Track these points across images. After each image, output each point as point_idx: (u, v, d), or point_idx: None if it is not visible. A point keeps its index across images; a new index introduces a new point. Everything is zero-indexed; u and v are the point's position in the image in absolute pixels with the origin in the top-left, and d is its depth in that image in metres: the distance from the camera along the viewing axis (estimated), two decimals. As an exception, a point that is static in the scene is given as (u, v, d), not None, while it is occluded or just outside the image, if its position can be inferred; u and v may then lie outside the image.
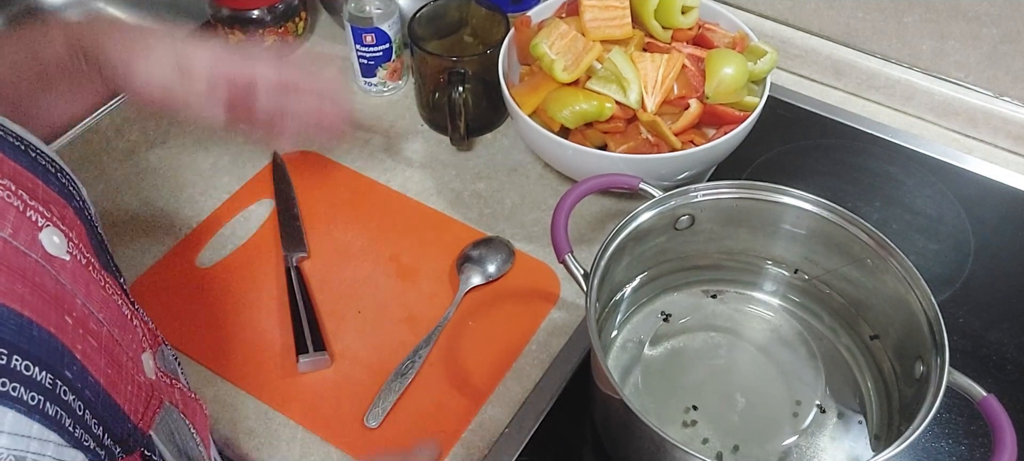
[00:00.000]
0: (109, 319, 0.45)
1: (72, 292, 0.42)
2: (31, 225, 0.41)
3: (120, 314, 0.47)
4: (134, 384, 0.45)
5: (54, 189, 0.47)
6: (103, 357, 0.42)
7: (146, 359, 0.48)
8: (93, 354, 0.41)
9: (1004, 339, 0.72)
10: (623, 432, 0.61)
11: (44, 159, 0.48)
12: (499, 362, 0.70)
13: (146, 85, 0.64)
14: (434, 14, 0.88)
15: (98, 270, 0.47)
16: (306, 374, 0.69)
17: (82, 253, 0.45)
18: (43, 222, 0.43)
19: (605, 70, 0.77)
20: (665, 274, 0.71)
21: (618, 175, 0.67)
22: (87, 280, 0.44)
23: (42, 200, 0.44)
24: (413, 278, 0.76)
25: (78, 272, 0.44)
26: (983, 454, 0.65)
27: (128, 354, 0.46)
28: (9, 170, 0.43)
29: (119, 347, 0.45)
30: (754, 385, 0.66)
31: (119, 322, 0.46)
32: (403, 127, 0.91)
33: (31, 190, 0.44)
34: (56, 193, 0.47)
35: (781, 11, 0.94)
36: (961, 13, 0.84)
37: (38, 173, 0.46)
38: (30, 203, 0.42)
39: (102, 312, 0.44)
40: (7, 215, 0.40)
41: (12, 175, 0.43)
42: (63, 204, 0.47)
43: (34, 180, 0.45)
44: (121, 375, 0.44)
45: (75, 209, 0.48)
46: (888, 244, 0.61)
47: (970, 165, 0.86)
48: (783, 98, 0.92)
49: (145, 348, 0.49)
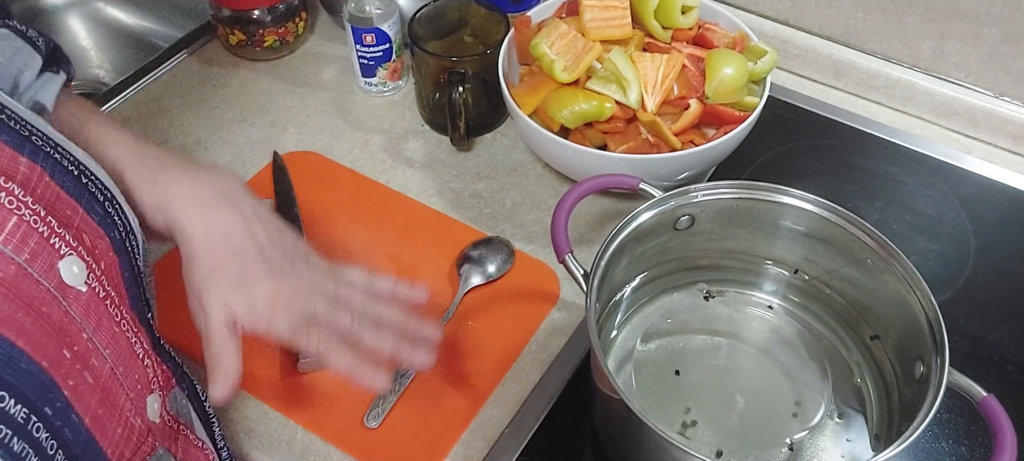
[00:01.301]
0: (115, 356, 0.44)
1: (80, 325, 0.42)
2: (52, 252, 0.41)
3: (130, 352, 0.46)
4: (126, 426, 0.44)
5: (95, 217, 0.46)
6: (96, 396, 0.42)
7: (151, 401, 0.47)
8: (85, 392, 0.41)
9: (1004, 339, 0.72)
10: (623, 432, 0.61)
11: (95, 185, 0.47)
12: (499, 362, 0.70)
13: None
14: (434, 14, 0.88)
15: (116, 305, 0.46)
16: (306, 374, 0.69)
17: (102, 286, 0.45)
18: (66, 251, 0.42)
19: (605, 70, 0.77)
20: (665, 274, 0.71)
21: (618, 175, 0.67)
22: (100, 314, 0.44)
23: (76, 228, 0.44)
24: (413, 278, 0.76)
25: (92, 305, 0.43)
26: (983, 454, 0.65)
27: (129, 395, 0.45)
28: (49, 195, 0.43)
29: (119, 386, 0.44)
30: (754, 386, 0.66)
31: (126, 360, 0.46)
32: (403, 127, 0.91)
33: (66, 217, 0.43)
34: (95, 221, 0.46)
35: (781, 11, 0.94)
36: (962, 13, 0.84)
37: (83, 199, 0.46)
38: (57, 230, 0.42)
39: (109, 348, 0.44)
40: (28, 241, 0.40)
41: (50, 200, 0.43)
42: (100, 234, 0.46)
43: (74, 206, 0.45)
44: (112, 416, 0.43)
45: (113, 240, 0.48)
46: (888, 244, 0.61)
47: (970, 165, 0.86)
48: (783, 98, 0.92)
49: (154, 390, 0.48)
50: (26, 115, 0.45)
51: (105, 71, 1.11)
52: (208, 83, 0.96)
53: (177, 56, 0.98)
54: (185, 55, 0.99)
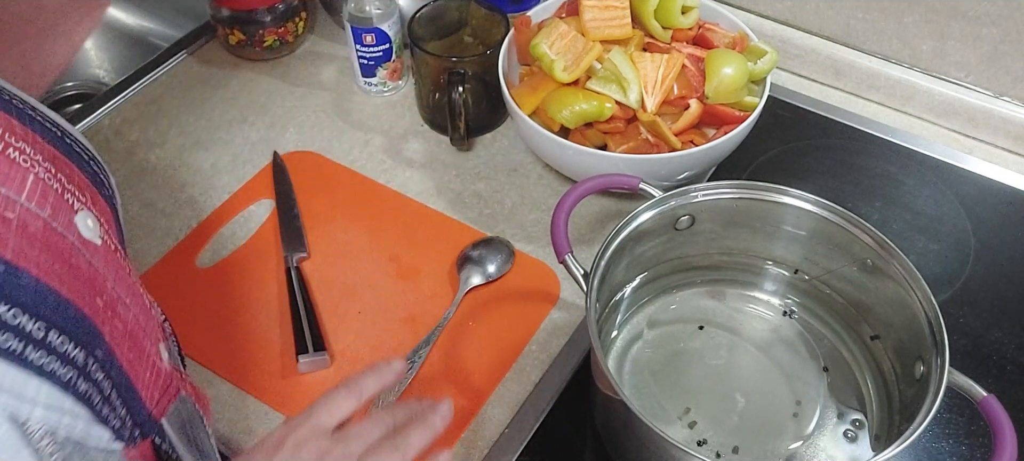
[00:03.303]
0: (134, 305, 0.46)
1: (103, 276, 0.43)
2: (68, 208, 0.42)
3: (143, 302, 0.48)
4: (154, 371, 0.45)
5: (87, 176, 0.47)
6: (127, 342, 0.43)
7: (163, 349, 0.49)
8: (119, 338, 0.42)
9: (1004, 339, 0.72)
10: (623, 432, 0.61)
11: (78, 146, 0.48)
12: (499, 362, 0.70)
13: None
14: (434, 14, 0.88)
15: (124, 258, 0.47)
16: (306, 374, 0.69)
17: (111, 239, 0.46)
18: (78, 206, 0.43)
19: (605, 70, 0.77)
20: (665, 274, 0.71)
21: (618, 175, 0.67)
22: (116, 266, 0.45)
23: (77, 185, 0.45)
24: (413, 278, 0.76)
25: (108, 257, 0.44)
26: (983, 454, 0.65)
27: (150, 341, 0.46)
28: (48, 154, 0.44)
29: (143, 333, 0.45)
30: (754, 385, 0.66)
31: (143, 309, 0.47)
32: (403, 127, 0.91)
33: (68, 175, 0.44)
34: (88, 180, 0.47)
35: (781, 11, 0.94)
36: (961, 13, 0.84)
37: (73, 159, 0.47)
38: (67, 186, 0.43)
39: (128, 297, 0.45)
40: (48, 196, 0.41)
41: (51, 158, 0.44)
42: (94, 190, 0.47)
43: (70, 165, 0.46)
44: (142, 361, 0.44)
45: (104, 197, 0.49)
46: (888, 244, 0.61)
47: (970, 165, 0.86)
48: (783, 98, 0.92)
49: (161, 338, 0.49)
50: (2, 82, 0.46)
51: (105, 71, 1.11)
52: (208, 83, 0.96)
53: (177, 56, 0.98)
54: (185, 55, 0.99)
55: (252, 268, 0.77)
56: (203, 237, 0.79)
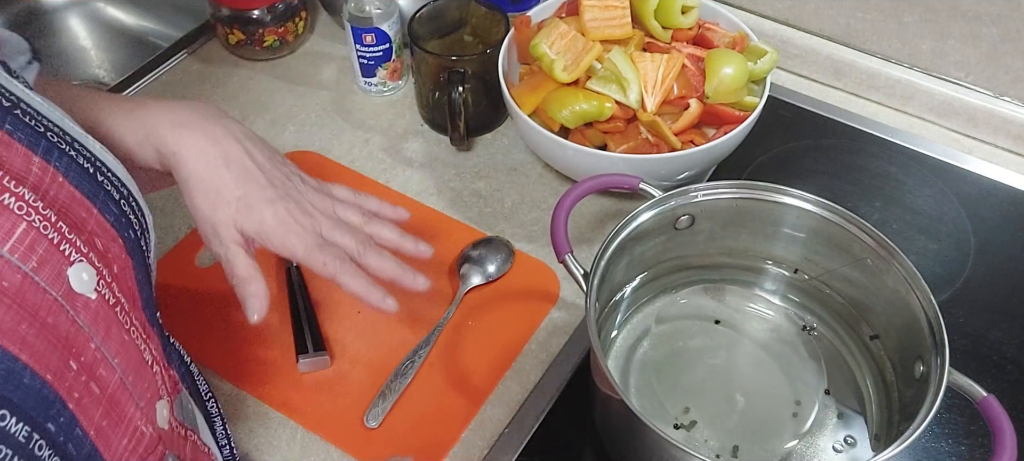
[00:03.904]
0: (124, 365, 0.43)
1: (88, 334, 0.40)
2: (61, 258, 0.40)
3: (140, 359, 0.45)
4: (133, 436, 0.43)
5: (109, 218, 0.45)
6: (102, 407, 0.41)
7: (161, 407, 0.46)
8: (90, 404, 0.40)
9: (1004, 339, 0.72)
10: (623, 432, 0.61)
11: (111, 182, 0.46)
12: (499, 362, 0.70)
13: None
14: (434, 14, 0.88)
15: (126, 312, 0.45)
16: (306, 374, 0.69)
17: (112, 293, 0.43)
18: (76, 257, 0.41)
19: (605, 70, 0.77)
20: (665, 274, 0.71)
21: (618, 175, 0.67)
22: (109, 321, 0.42)
23: (89, 231, 0.43)
24: (413, 278, 0.76)
25: (102, 312, 0.42)
26: (983, 454, 0.65)
27: (138, 403, 0.44)
28: (63, 196, 0.42)
29: (128, 395, 0.43)
30: (754, 385, 0.66)
31: (136, 368, 0.44)
32: (403, 127, 0.91)
33: (79, 220, 0.42)
34: (110, 223, 0.45)
35: (781, 11, 0.94)
36: (961, 13, 0.84)
37: (98, 200, 0.44)
38: (68, 235, 0.41)
39: (118, 357, 0.43)
40: (36, 248, 0.39)
41: (63, 202, 0.42)
42: (113, 236, 0.45)
43: (89, 207, 0.43)
44: (118, 427, 0.42)
45: (127, 241, 0.46)
46: (888, 244, 0.61)
47: (970, 165, 0.86)
48: (783, 98, 0.92)
49: (162, 396, 0.47)
50: (43, 109, 0.43)
51: (105, 71, 1.10)
52: (207, 83, 0.96)
53: (177, 56, 0.98)
54: (185, 55, 0.99)
55: (252, 268, 0.77)
56: (203, 237, 0.79)
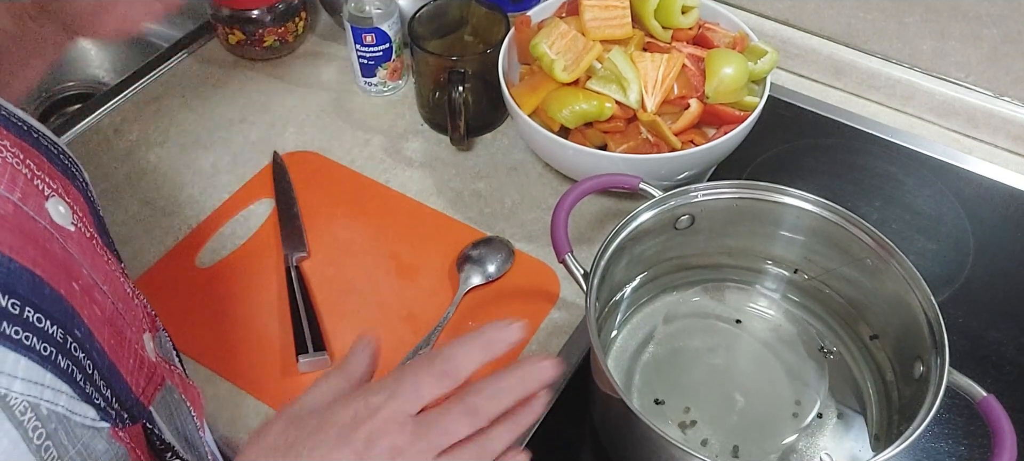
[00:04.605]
0: (113, 293, 0.45)
1: (78, 261, 0.42)
2: (38, 194, 0.42)
3: (123, 290, 0.47)
4: (136, 358, 0.45)
5: (57, 167, 0.47)
6: (107, 327, 0.42)
7: (147, 340, 0.48)
8: (98, 322, 0.41)
9: (1004, 339, 0.72)
10: (623, 432, 0.61)
11: (45, 140, 0.48)
12: (499, 362, 0.70)
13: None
14: (434, 14, 0.88)
15: (102, 246, 0.47)
16: (306, 374, 0.69)
17: (86, 227, 0.45)
18: (49, 192, 0.43)
19: (605, 70, 0.77)
20: (665, 274, 0.71)
21: (618, 175, 0.67)
22: (92, 253, 0.44)
23: (47, 173, 0.45)
24: (413, 278, 0.76)
25: (83, 243, 0.44)
26: (983, 454, 0.65)
27: (132, 330, 0.46)
28: (16, 143, 0.43)
29: (123, 320, 0.45)
30: (754, 385, 0.66)
31: (123, 298, 0.46)
32: (403, 127, 0.91)
33: (37, 163, 0.44)
34: (59, 171, 0.47)
35: (781, 11, 0.94)
36: (962, 13, 0.84)
37: (41, 151, 0.46)
38: (37, 173, 0.43)
39: (106, 284, 0.44)
40: (16, 181, 0.40)
41: (20, 147, 0.43)
42: (66, 181, 0.47)
43: (39, 156, 0.45)
44: (124, 347, 0.43)
45: (78, 187, 0.48)
46: (888, 244, 0.61)
47: (970, 165, 0.86)
48: (783, 98, 0.92)
49: (145, 329, 0.49)
50: None
51: (105, 71, 1.11)
52: (207, 83, 0.96)
53: (177, 56, 0.98)
54: (185, 55, 0.99)
55: (252, 268, 0.77)
56: (203, 237, 0.79)
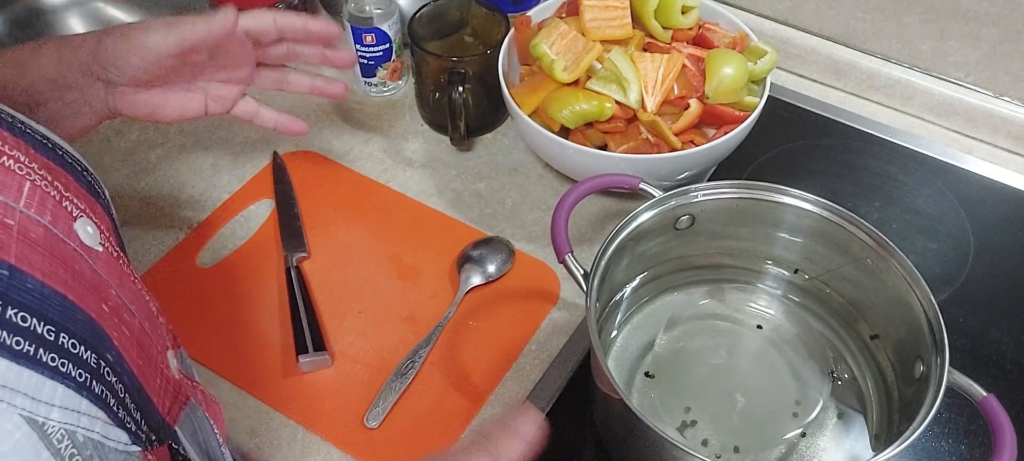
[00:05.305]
0: (140, 313, 0.45)
1: (107, 282, 0.42)
2: (67, 215, 0.42)
3: (149, 310, 0.47)
4: (162, 378, 0.45)
5: (83, 186, 0.47)
6: (136, 348, 0.42)
7: (171, 357, 0.48)
8: (127, 344, 0.41)
9: (1004, 339, 0.72)
10: (623, 432, 0.61)
11: (70, 158, 0.48)
12: (499, 362, 0.70)
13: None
14: (434, 14, 0.88)
15: (128, 265, 0.47)
16: (306, 374, 0.69)
17: (112, 246, 0.46)
18: (77, 213, 0.43)
19: (605, 70, 0.77)
20: (665, 274, 0.71)
21: (618, 175, 0.67)
22: (119, 273, 0.45)
23: (74, 193, 0.45)
24: (413, 278, 0.76)
25: (110, 264, 0.44)
26: (983, 454, 0.65)
27: (157, 348, 0.46)
28: (43, 164, 0.44)
29: (149, 340, 0.45)
30: (754, 385, 0.66)
31: (149, 317, 0.46)
32: (403, 127, 0.91)
33: (64, 183, 0.44)
34: (84, 190, 0.47)
35: (781, 11, 0.94)
36: (961, 13, 0.84)
37: (67, 169, 0.47)
38: (65, 194, 0.43)
39: (134, 305, 0.45)
40: (46, 203, 0.40)
41: (46, 168, 0.43)
42: (91, 200, 0.47)
43: (65, 175, 0.46)
44: (150, 368, 0.44)
45: (102, 205, 0.49)
46: (888, 244, 0.61)
47: (970, 165, 0.86)
48: (783, 98, 0.92)
49: (169, 346, 0.49)
50: None
51: (105, 71, 1.10)
52: (208, 83, 0.95)
53: (177, 56, 0.98)
54: (185, 55, 0.98)
55: (252, 268, 0.77)
56: (203, 237, 0.79)
